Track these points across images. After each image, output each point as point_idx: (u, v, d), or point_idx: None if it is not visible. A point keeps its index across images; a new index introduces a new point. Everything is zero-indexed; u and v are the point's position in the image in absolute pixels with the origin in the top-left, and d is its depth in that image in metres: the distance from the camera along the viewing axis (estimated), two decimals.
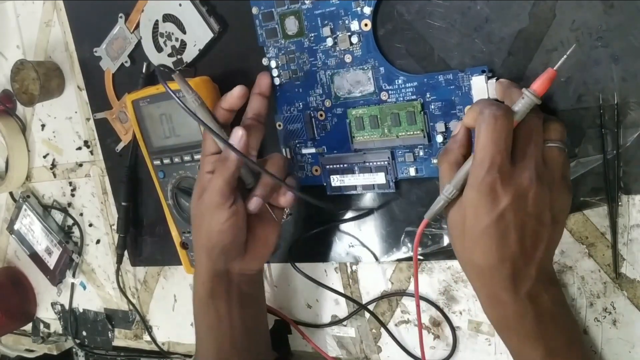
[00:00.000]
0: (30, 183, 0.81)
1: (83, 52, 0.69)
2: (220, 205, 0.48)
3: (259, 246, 0.53)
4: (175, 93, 0.47)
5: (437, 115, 0.48)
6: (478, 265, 0.41)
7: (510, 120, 0.38)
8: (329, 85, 0.52)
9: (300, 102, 0.54)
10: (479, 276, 0.42)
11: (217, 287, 0.52)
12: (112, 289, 0.77)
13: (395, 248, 0.53)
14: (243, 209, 0.50)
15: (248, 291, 0.54)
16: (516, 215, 0.39)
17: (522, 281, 0.40)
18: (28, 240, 0.81)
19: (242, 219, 0.50)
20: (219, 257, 0.51)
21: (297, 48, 0.52)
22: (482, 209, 0.39)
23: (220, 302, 0.52)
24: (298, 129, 0.55)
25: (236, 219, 0.49)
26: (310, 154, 0.55)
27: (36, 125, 0.77)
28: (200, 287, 0.52)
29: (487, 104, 0.39)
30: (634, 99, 0.41)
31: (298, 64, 0.53)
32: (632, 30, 0.40)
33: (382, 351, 0.58)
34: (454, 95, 0.46)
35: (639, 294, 0.44)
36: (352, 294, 0.58)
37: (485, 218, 0.39)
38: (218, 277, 0.52)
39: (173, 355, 0.74)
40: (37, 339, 0.87)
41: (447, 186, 0.41)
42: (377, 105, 0.50)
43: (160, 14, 0.59)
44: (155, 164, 0.60)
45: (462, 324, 0.53)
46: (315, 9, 0.50)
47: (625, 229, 0.44)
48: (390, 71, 0.49)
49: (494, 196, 0.38)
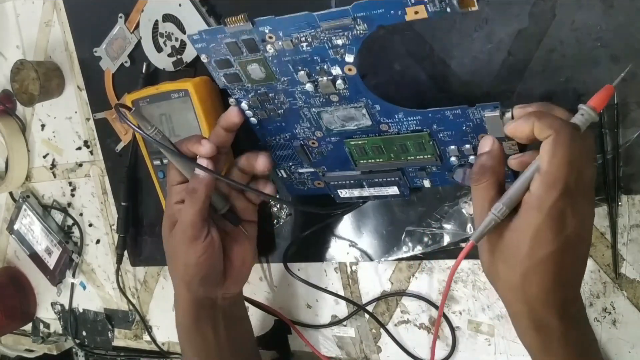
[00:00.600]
0: (30, 183, 0.81)
1: (83, 52, 0.69)
2: (194, 239, 0.47)
3: (237, 269, 0.52)
4: (141, 127, 0.46)
5: (447, 141, 0.44)
6: (529, 292, 0.38)
7: (583, 140, 0.36)
8: (317, 120, 0.47)
9: (286, 134, 0.49)
10: (527, 302, 0.38)
11: (201, 314, 0.51)
12: (112, 289, 0.77)
13: (395, 248, 0.53)
14: (218, 237, 0.49)
15: (232, 312, 0.54)
16: (578, 241, 0.37)
17: (570, 304, 0.39)
18: (28, 240, 0.81)
19: (218, 249, 0.49)
20: (199, 287, 0.50)
21: (269, 90, 0.46)
22: (549, 234, 0.36)
23: (206, 328, 0.52)
24: (289, 155, 0.51)
25: (212, 250, 0.49)
26: (309, 172, 0.52)
27: (36, 125, 0.77)
28: (184, 315, 0.52)
29: (556, 118, 0.36)
30: (634, 99, 0.41)
31: (274, 103, 0.47)
32: (632, 30, 0.40)
33: (381, 351, 0.58)
34: (464, 125, 0.42)
35: (638, 294, 0.44)
36: (351, 294, 0.58)
37: (549, 245, 0.36)
38: (201, 305, 0.51)
39: (173, 355, 0.74)
40: (37, 339, 0.87)
41: (498, 205, 0.38)
42: (379, 136, 0.46)
43: (160, 13, 0.59)
44: (155, 164, 0.60)
45: (462, 324, 0.53)
46: (283, 57, 0.43)
47: (625, 229, 0.44)
48: (388, 108, 0.44)
49: (562, 221, 0.35)
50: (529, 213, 0.36)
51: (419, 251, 0.52)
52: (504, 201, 0.37)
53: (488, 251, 0.40)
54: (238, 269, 0.52)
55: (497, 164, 0.39)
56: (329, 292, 0.58)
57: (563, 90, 0.43)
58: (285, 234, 0.59)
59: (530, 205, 0.36)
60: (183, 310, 0.52)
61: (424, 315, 0.54)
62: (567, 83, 0.43)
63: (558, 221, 0.35)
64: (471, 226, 0.49)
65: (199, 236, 0.48)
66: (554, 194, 0.35)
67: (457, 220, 0.50)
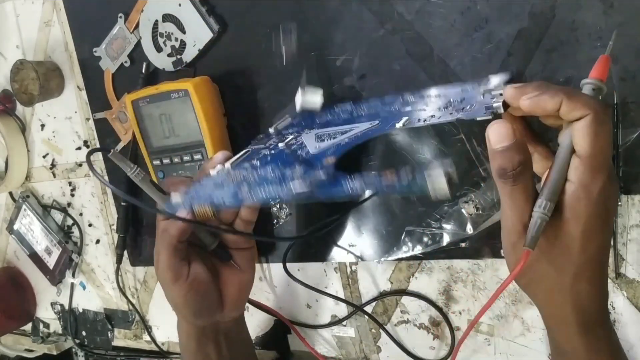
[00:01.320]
0: (30, 183, 0.81)
1: (83, 52, 0.69)
2: (175, 280, 0.47)
3: (234, 296, 0.51)
4: (125, 164, 0.46)
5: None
6: (581, 291, 0.35)
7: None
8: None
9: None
10: (577, 304, 0.35)
11: (203, 339, 0.51)
12: (112, 288, 0.77)
13: (395, 247, 0.53)
14: (204, 271, 0.48)
15: (234, 333, 0.54)
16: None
17: (607, 300, 0.37)
18: (28, 240, 0.81)
19: (205, 283, 0.48)
20: (197, 318, 0.50)
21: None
22: (601, 224, 0.33)
23: (210, 350, 0.51)
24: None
25: (197, 287, 0.48)
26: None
27: (36, 125, 0.77)
28: (187, 339, 0.51)
29: (587, 96, 0.33)
30: (633, 99, 0.41)
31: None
32: (631, 31, 0.40)
33: (381, 351, 0.58)
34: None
35: (638, 294, 0.44)
36: (351, 294, 0.58)
37: (600, 236, 0.34)
38: (202, 331, 0.51)
39: (172, 355, 0.74)
40: (37, 338, 0.87)
41: (541, 201, 0.34)
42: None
43: (159, 13, 0.59)
44: (154, 164, 0.60)
45: (462, 324, 0.53)
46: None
47: (625, 229, 0.44)
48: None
49: (610, 207, 0.33)
50: (578, 205, 0.33)
51: (418, 251, 0.52)
52: (548, 196, 0.33)
53: (541, 258, 0.35)
54: (235, 296, 0.51)
55: (528, 156, 0.34)
56: (326, 294, 0.58)
57: None
58: (285, 234, 0.59)
59: (577, 197, 0.33)
60: (186, 335, 0.51)
61: (424, 315, 0.54)
62: (567, 83, 0.43)
63: (606, 208, 0.33)
64: (470, 226, 0.49)
65: (178, 277, 0.47)
66: (602, 179, 0.32)
67: (457, 220, 0.50)
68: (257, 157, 0.47)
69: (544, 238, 0.34)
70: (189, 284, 0.47)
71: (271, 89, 0.56)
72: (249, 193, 0.43)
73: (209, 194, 0.45)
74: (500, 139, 0.34)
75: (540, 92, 0.33)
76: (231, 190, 0.44)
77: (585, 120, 0.32)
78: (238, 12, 0.56)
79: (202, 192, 0.46)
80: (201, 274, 0.48)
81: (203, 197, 0.46)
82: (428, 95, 0.43)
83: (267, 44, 0.55)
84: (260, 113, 0.57)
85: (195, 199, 0.46)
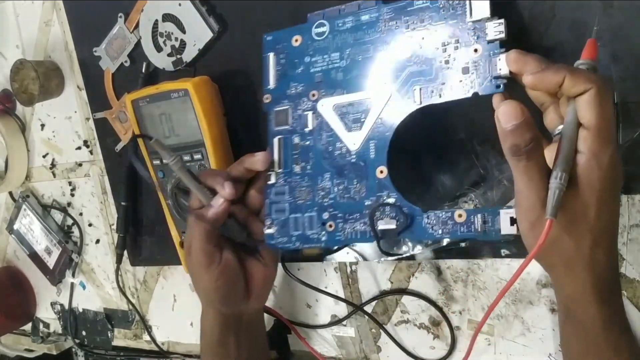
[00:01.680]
0: (30, 183, 0.81)
1: (82, 52, 0.69)
2: (208, 264, 0.48)
3: (260, 286, 0.52)
4: (166, 153, 0.47)
5: None
6: (600, 260, 0.36)
7: None
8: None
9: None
10: (596, 273, 0.36)
11: (226, 328, 0.52)
12: (112, 288, 0.77)
13: (395, 247, 0.53)
14: (234, 259, 0.50)
15: (254, 327, 0.55)
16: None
17: (617, 267, 0.39)
18: (27, 240, 0.81)
19: (234, 270, 0.50)
20: (222, 306, 0.51)
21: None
22: (613, 191, 0.35)
23: (230, 341, 0.53)
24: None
25: (228, 273, 0.49)
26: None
27: (36, 125, 0.77)
28: (211, 330, 0.52)
29: (587, 72, 0.35)
30: (633, 99, 0.41)
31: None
32: (632, 30, 0.40)
33: (381, 351, 0.58)
34: None
35: (638, 294, 0.44)
36: (351, 294, 0.58)
37: (613, 203, 0.35)
38: (226, 321, 0.52)
39: (172, 355, 0.74)
40: (37, 338, 0.87)
41: (557, 172, 0.34)
42: None
43: (159, 13, 0.59)
44: (154, 163, 0.60)
45: (462, 323, 0.53)
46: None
47: (625, 229, 0.44)
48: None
49: (619, 174, 0.35)
50: (591, 173, 0.34)
51: (418, 251, 0.52)
52: (562, 167, 0.34)
53: (563, 232, 0.36)
54: (260, 287, 0.53)
55: (537, 132, 0.35)
56: (326, 293, 0.58)
57: None
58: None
59: (590, 166, 0.34)
60: (210, 325, 0.52)
61: (424, 315, 0.54)
62: None
63: (616, 175, 0.34)
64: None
65: (211, 262, 0.48)
66: (610, 148, 0.34)
67: None
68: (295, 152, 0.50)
69: (560, 210, 0.34)
70: (220, 269, 0.48)
71: None
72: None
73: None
74: (509, 118, 0.35)
75: (542, 67, 0.36)
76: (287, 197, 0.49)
77: (590, 94, 0.34)
78: (238, 11, 0.56)
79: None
80: (232, 261, 0.50)
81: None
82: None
83: None
84: (260, 113, 0.57)
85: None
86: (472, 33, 0.41)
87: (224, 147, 0.57)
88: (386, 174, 0.45)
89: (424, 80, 0.43)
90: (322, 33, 0.48)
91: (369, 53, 0.46)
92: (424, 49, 0.43)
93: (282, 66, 0.50)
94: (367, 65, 0.46)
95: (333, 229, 0.47)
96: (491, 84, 0.40)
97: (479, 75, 0.40)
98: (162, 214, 0.63)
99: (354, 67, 0.47)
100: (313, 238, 0.48)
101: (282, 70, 0.50)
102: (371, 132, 0.46)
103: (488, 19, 0.40)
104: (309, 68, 0.49)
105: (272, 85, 0.51)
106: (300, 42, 0.49)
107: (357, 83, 0.46)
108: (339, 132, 0.47)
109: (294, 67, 0.49)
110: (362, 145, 0.46)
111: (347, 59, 0.47)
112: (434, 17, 0.43)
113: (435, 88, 0.43)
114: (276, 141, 0.50)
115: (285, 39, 0.50)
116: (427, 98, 0.43)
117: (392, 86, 0.45)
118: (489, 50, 0.40)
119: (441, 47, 0.42)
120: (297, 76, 0.49)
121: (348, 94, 0.47)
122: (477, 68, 0.41)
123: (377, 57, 0.46)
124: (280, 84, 0.50)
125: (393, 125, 0.45)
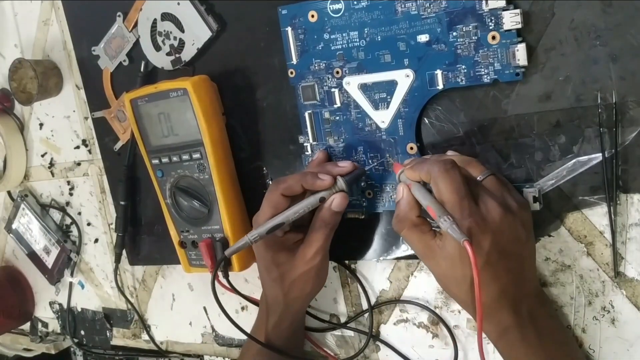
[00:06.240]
0: (28, 182, 0.81)
1: (81, 51, 0.69)
2: (321, 262, 0.50)
3: (319, 277, 0.53)
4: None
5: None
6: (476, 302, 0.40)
7: (459, 169, 0.41)
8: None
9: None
10: (484, 313, 0.41)
11: (285, 325, 0.54)
12: (111, 288, 0.76)
13: (394, 246, 0.53)
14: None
15: (302, 324, 0.58)
16: (500, 249, 0.40)
17: (521, 302, 0.42)
18: (26, 239, 0.81)
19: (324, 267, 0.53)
20: (309, 301, 0.55)
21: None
22: (467, 258, 0.38)
23: (283, 338, 0.54)
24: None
25: (318, 270, 0.51)
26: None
27: (34, 124, 0.77)
28: (273, 331, 0.54)
29: (432, 161, 0.42)
30: (633, 98, 0.41)
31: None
32: (631, 29, 0.40)
33: (380, 350, 0.58)
34: None
35: (637, 293, 0.44)
36: (350, 293, 0.58)
37: (469, 266, 0.38)
38: (289, 319, 0.54)
39: (171, 354, 0.74)
40: (35, 338, 0.87)
41: (440, 218, 0.41)
42: None
43: (158, 12, 0.59)
44: (153, 163, 0.60)
45: (461, 322, 0.53)
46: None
47: (624, 228, 0.44)
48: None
49: (476, 241, 0.39)
50: (446, 243, 0.41)
51: None
52: (440, 212, 0.40)
53: (435, 271, 0.44)
54: (321, 277, 0.53)
55: (411, 209, 0.44)
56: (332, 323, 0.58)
57: (562, 89, 0.43)
58: None
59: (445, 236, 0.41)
60: (273, 327, 0.54)
61: (423, 314, 0.54)
62: (566, 82, 0.43)
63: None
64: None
65: (325, 256, 0.51)
66: (457, 218, 0.39)
67: None
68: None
69: (446, 261, 0.42)
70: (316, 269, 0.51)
71: (270, 88, 0.56)
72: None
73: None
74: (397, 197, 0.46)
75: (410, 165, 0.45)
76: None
77: (432, 180, 0.42)
78: (237, 10, 0.56)
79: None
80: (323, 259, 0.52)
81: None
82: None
83: (266, 42, 0.55)
84: (259, 112, 0.57)
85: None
86: (489, 20, 0.43)
87: (223, 147, 0.57)
88: (416, 150, 0.49)
89: (445, 65, 0.45)
90: (339, 10, 0.49)
91: (388, 34, 0.47)
92: (442, 33, 0.45)
93: (301, 42, 0.52)
94: (387, 46, 0.48)
95: (372, 197, 0.52)
96: (510, 72, 0.43)
97: (499, 63, 0.43)
98: (160, 213, 0.63)
99: (374, 47, 0.48)
100: (355, 204, 0.53)
101: (303, 46, 0.52)
102: (398, 112, 0.49)
103: (504, 9, 0.42)
104: (330, 45, 0.50)
105: (295, 60, 0.52)
106: (316, 18, 0.50)
107: (379, 63, 0.48)
108: (367, 110, 0.50)
109: (314, 43, 0.51)
110: (391, 123, 0.49)
111: (366, 38, 0.48)
112: (451, 3, 0.44)
113: (457, 72, 0.45)
114: (307, 115, 0.53)
115: (301, 13, 0.51)
116: (450, 83, 0.46)
117: (414, 68, 0.47)
118: (506, 39, 0.43)
119: (459, 32, 0.44)
120: (319, 53, 0.51)
121: (371, 73, 0.49)
122: (495, 55, 0.43)
123: (396, 39, 0.47)
124: (302, 60, 0.52)
125: (419, 106, 0.48)
